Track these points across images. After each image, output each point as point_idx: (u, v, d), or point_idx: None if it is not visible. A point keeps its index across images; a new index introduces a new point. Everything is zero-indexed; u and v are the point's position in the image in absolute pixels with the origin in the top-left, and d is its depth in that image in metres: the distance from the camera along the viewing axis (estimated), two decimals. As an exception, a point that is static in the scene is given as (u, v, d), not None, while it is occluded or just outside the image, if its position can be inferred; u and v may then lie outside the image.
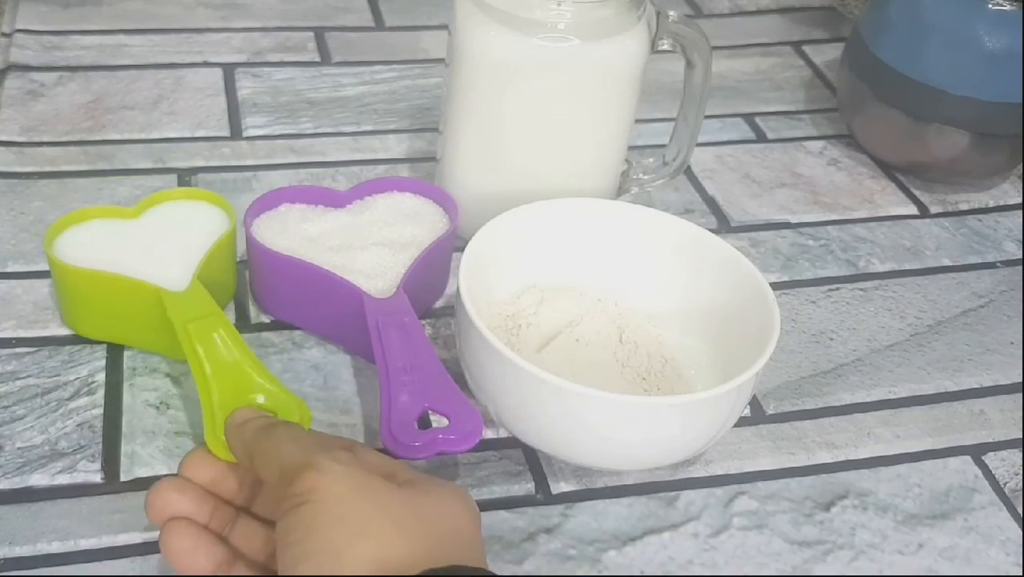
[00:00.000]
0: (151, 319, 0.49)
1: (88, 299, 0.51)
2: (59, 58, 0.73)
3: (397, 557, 0.34)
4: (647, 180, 0.63)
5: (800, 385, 0.56)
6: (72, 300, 0.52)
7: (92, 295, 0.51)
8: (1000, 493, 0.51)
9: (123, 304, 0.50)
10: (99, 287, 0.50)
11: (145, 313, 0.50)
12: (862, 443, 0.53)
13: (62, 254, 0.51)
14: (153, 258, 0.51)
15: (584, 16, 0.53)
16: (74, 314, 0.52)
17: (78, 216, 0.53)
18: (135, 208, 0.54)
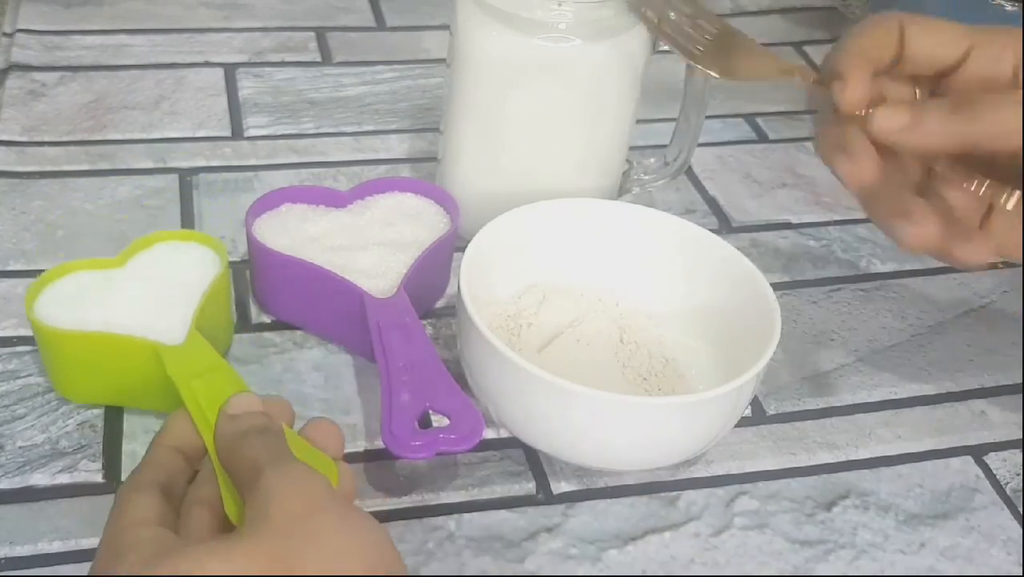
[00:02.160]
0: (150, 377, 0.45)
1: (79, 362, 0.47)
2: (60, 58, 0.73)
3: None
4: (648, 180, 0.63)
5: (801, 385, 0.56)
6: (61, 365, 0.48)
7: (83, 358, 0.47)
8: (1001, 493, 0.51)
9: (118, 364, 0.46)
10: (90, 349, 0.46)
11: (142, 371, 0.46)
12: (863, 443, 0.53)
13: (45, 316, 0.47)
14: (144, 310, 0.47)
15: (585, 16, 0.53)
16: (65, 379, 0.48)
17: (58, 272, 0.49)
18: (119, 257, 0.50)
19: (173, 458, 0.40)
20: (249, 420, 0.40)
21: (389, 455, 0.47)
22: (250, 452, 0.38)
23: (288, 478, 0.36)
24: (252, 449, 0.38)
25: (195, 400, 0.42)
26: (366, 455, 0.49)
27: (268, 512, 0.35)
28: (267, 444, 0.39)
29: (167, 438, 0.41)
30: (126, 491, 0.38)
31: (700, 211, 0.67)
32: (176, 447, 0.41)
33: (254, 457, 0.37)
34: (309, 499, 0.35)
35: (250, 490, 0.36)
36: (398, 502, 0.47)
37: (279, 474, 0.36)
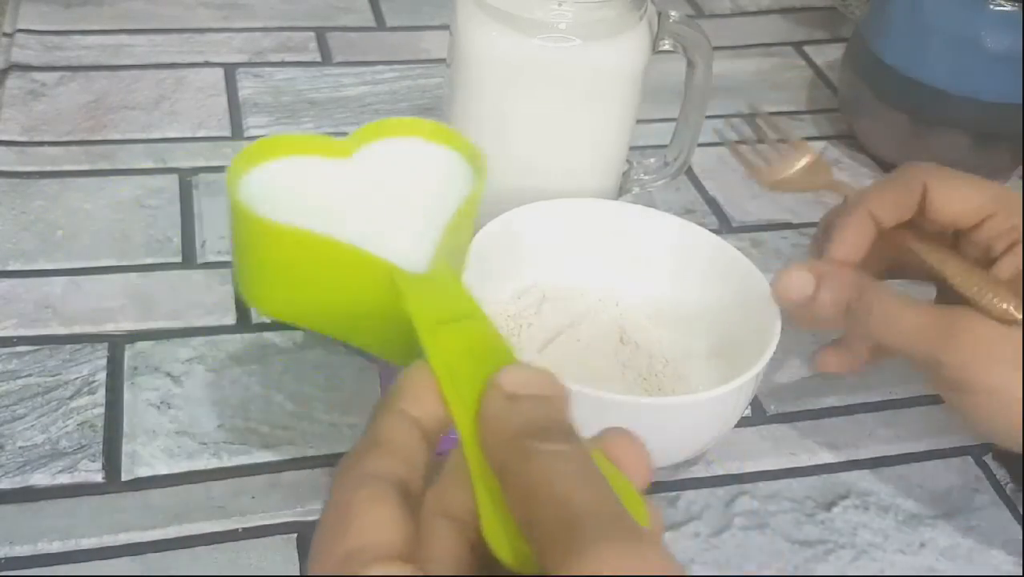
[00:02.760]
0: (373, 306, 0.33)
1: (286, 267, 0.34)
2: (60, 58, 0.73)
3: None
4: (648, 180, 0.63)
5: (801, 385, 0.56)
6: (262, 265, 0.35)
7: (293, 262, 0.34)
8: (1001, 493, 0.51)
9: (337, 280, 0.34)
10: (305, 253, 0.33)
11: (367, 297, 0.33)
12: (863, 443, 0.53)
13: (253, 202, 0.34)
14: (376, 219, 0.35)
15: (585, 16, 0.53)
16: (260, 283, 0.35)
17: (270, 148, 0.37)
18: (346, 142, 0.39)
19: (410, 436, 0.28)
20: (537, 410, 0.27)
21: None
22: (556, 482, 0.25)
23: (638, 566, 0.23)
24: (560, 477, 0.25)
25: (443, 355, 0.29)
26: (366, 455, 0.49)
27: None
28: (583, 477, 0.25)
29: (402, 402, 0.28)
30: (355, 486, 0.26)
31: (700, 211, 0.67)
32: (415, 419, 0.28)
33: (566, 498, 0.24)
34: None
35: (561, 550, 0.24)
36: (398, 502, 0.47)
37: (625, 556, 0.23)
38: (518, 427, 0.26)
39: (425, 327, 0.30)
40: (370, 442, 0.28)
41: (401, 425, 0.28)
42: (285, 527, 0.46)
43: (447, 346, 0.29)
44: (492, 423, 0.27)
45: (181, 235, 0.60)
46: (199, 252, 0.59)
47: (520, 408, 0.27)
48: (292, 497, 0.47)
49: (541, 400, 0.27)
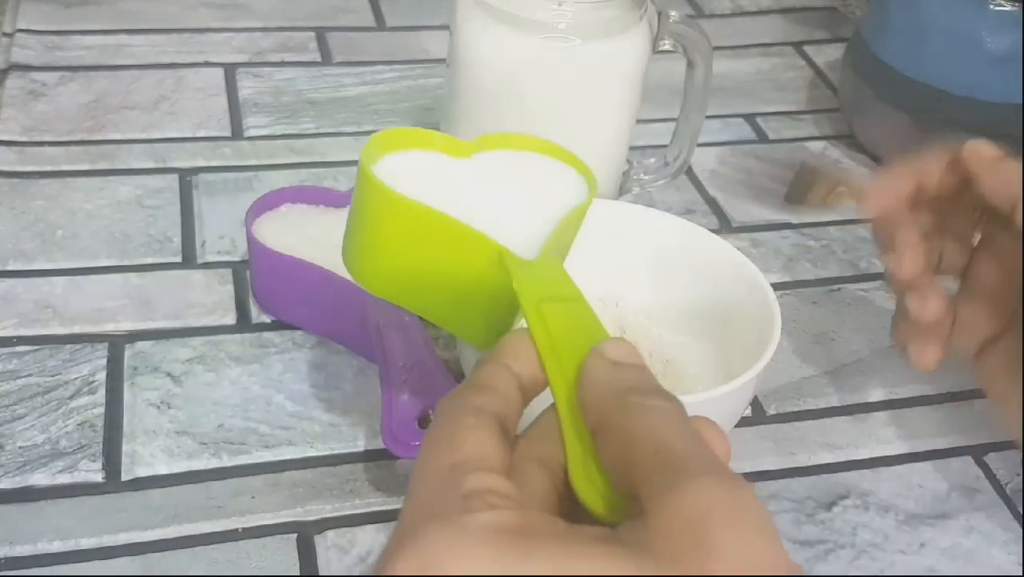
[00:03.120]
0: (479, 287, 0.36)
1: (402, 241, 0.37)
2: (60, 58, 0.73)
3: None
4: (648, 180, 0.63)
5: (801, 385, 0.56)
6: (380, 238, 0.37)
7: (413, 236, 0.36)
8: (1001, 493, 0.51)
9: (448, 258, 0.36)
10: (423, 229, 0.36)
11: (475, 277, 0.36)
12: (863, 443, 0.53)
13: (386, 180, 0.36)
14: (490, 209, 0.37)
15: (585, 16, 0.53)
16: (372, 257, 0.38)
17: (402, 140, 0.39)
18: (468, 144, 0.41)
19: (510, 385, 0.31)
20: (637, 374, 0.30)
21: (389, 455, 0.47)
22: (659, 429, 0.27)
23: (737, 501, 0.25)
24: (663, 425, 0.27)
25: (544, 327, 0.31)
26: (366, 455, 0.49)
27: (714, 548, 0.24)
28: (682, 426, 0.28)
29: (505, 357, 0.31)
30: (462, 414, 0.29)
31: (700, 211, 0.67)
32: (515, 373, 0.31)
33: (667, 439, 0.27)
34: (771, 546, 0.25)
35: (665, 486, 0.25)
36: (398, 502, 0.47)
37: (724, 490, 0.25)
38: (623, 386, 0.29)
39: (529, 302, 0.33)
40: (474, 384, 0.30)
41: (503, 374, 0.31)
42: (285, 527, 0.46)
43: (548, 319, 0.32)
44: (597, 383, 0.29)
45: (181, 235, 0.60)
46: (199, 252, 0.59)
47: (623, 372, 0.29)
48: (292, 497, 0.47)
49: (640, 368, 0.30)
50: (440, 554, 0.25)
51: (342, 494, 0.47)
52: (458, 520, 0.26)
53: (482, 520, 0.26)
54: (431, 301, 0.38)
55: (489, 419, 0.29)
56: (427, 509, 0.27)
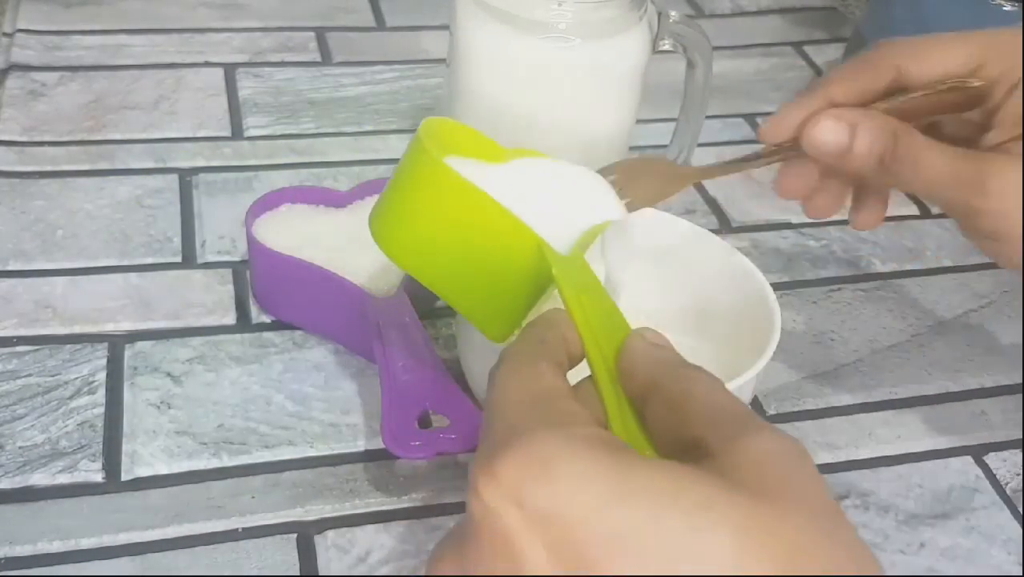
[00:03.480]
0: (508, 274, 0.38)
1: (446, 218, 0.38)
2: (60, 58, 0.73)
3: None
4: (648, 180, 0.63)
5: (801, 386, 0.56)
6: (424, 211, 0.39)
7: (455, 214, 0.38)
8: (1001, 493, 0.51)
9: (484, 241, 0.38)
10: (466, 206, 0.37)
11: (507, 263, 0.38)
12: (863, 443, 0.53)
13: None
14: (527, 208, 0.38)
15: (585, 16, 0.53)
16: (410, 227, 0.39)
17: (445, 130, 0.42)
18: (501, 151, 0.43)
19: (560, 348, 0.33)
20: (677, 355, 0.33)
21: (389, 455, 0.47)
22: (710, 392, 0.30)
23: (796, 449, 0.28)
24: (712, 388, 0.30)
25: (584, 313, 0.34)
26: (366, 455, 0.49)
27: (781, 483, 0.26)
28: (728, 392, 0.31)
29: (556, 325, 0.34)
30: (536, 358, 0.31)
31: (700, 211, 0.67)
32: (564, 339, 0.33)
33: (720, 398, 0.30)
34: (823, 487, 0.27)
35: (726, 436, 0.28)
36: (398, 502, 0.47)
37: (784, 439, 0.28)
38: (669, 359, 0.31)
39: (569, 288, 0.34)
40: (536, 338, 0.33)
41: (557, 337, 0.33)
42: (285, 527, 0.46)
43: (586, 306, 0.34)
44: (643, 356, 0.31)
45: (181, 235, 0.60)
46: (199, 252, 0.59)
47: (664, 351, 0.32)
48: (292, 497, 0.47)
49: (675, 351, 0.33)
50: (553, 455, 0.26)
51: (342, 494, 0.47)
52: (565, 429, 0.27)
53: (588, 432, 0.27)
54: (452, 280, 0.39)
55: (558, 366, 0.31)
56: (525, 422, 0.28)
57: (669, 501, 0.25)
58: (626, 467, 0.26)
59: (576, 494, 0.25)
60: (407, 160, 0.39)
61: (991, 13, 0.64)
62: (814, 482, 0.27)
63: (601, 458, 0.26)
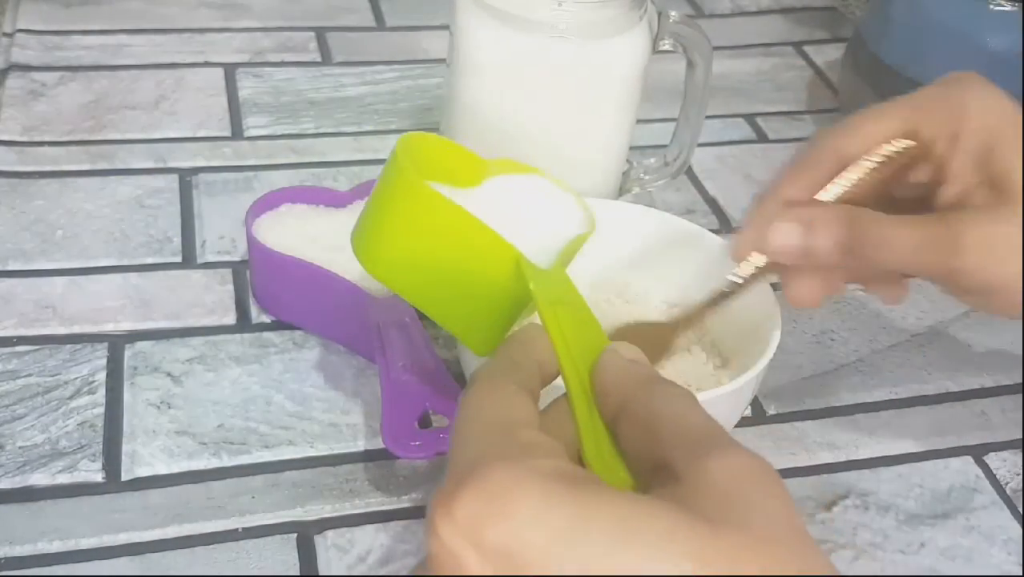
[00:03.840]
0: (487, 288, 0.38)
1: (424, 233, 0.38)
2: (60, 58, 0.73)
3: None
4: (648, 180, 0.63)
5: (801, 386, 0.56)
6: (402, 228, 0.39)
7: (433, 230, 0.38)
8: (1001, 493, 0.51)
9: (464, 252, 0.38)
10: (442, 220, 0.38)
11: (484, 278, 0.38)
12: (863, 443, 0.53)
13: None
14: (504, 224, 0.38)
15: (585, 16, 0.53)
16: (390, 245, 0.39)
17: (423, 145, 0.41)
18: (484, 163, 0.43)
19: (534, 368, 0.33)
20: (651, 371, 0.32)
21: (389, 455, 0.47)
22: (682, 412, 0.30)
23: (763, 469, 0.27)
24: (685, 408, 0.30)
25: (558, 325, 0.34)
26: (366, 455, 0.49)
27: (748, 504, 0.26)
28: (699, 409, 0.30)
29: (529, 343, 0.34)
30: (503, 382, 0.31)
31: (700, 211, 0.67)
32: (537, 360, 0.33)
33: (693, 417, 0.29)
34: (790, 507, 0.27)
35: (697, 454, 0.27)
36: (398, 502, 0.47)
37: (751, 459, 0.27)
38: (642, 376, 0.31)
39: (545, 300, 0.35)
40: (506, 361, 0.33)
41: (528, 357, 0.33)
42: (285, 527, 0.46)
43: (561, 318, 0.34)
44: (617, 373, 0.31)
45: (181, 235, 0.60)
46: (199, 252, 0.59)
47: (638, 367, 0.32)
48: (292, 497, 0.47)
49: (649, 366, 0.33)
50: (510, 490, 0.26)
51: (342, 494, 0.47)
52: (524, 462, 0.27)
53: (547, 465, 0.27)
54: (435, 296, 0.39)
55: (526, 393, 0.31)
56: (484, 455, 0.27)
57: (629, 534, 0.25)
58: (585, 500, 0.25)
59: (532, 529, 0.25)
60: (384, 178, 0.39)
61: (991, 14, 0.64)
62: (781, 504, 0.27)
63: (559, 491, 0.26)
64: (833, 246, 0.42)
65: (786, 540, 0.26)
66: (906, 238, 0.42)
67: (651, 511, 0.25)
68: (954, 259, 0.41)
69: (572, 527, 0.25)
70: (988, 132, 0.42)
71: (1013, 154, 0.41)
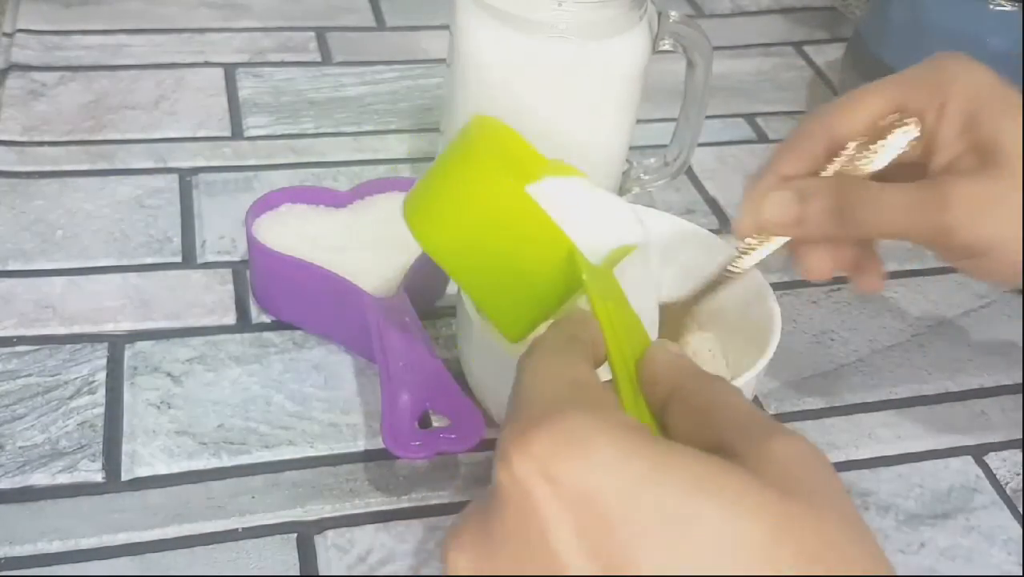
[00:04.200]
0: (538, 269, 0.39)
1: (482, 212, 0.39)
2: (60, 58, 0.73)
3: None
4: (648, 180, 0.63)
5: (801, 385, 0.56)
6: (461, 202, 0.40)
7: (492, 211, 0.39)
8: (1001, 493, 0.51)
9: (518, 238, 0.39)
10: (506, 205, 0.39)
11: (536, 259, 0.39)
12: (863, 443, 0.53)
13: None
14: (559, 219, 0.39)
15: (585, 16, 0.53)
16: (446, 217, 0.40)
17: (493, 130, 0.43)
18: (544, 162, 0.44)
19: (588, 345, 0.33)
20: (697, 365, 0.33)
21: (389, 455, 0.47)
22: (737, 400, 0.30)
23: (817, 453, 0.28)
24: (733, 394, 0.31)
25: (609, 318, 0.34)
26: (366, 455, 0.49)
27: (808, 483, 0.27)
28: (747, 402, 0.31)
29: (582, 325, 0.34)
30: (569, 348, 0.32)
31: (700, 211, 0.67)
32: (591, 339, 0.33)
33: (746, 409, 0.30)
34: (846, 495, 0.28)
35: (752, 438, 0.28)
36: (398, 502, 0.47)
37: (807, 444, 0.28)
38: (692, 368, 0.32)
39: (597, 294, 0.35)
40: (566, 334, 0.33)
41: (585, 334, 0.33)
42: (285, 527, 0.46)
43: (612, 313, 0.34)
44: (668, 363, 0.32)
45: (181, 235, 0.60)
46: (199, 252, 0.59)
47: (687, 360, 0.33)
48: (292, 497, 0.47)
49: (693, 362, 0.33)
50: (589, 435, 0.26)
51: (342, 494, 0.47)
52: (602, 412, 0.27)
53: (624, 417, 0.28)
54: (479, 275, 0.40)
55: (590, 361, 0.32)
56: (559, 401, 0.28)
57: (704, 488, 0.25)
58: (662, 452, 0.26)
59: (610, 474, 0.25)
60: (453, 152, 0.41)
61: (991, 14, 0.64)
62: (838, 487, 0.28)
63: (636, 441, 0.26)
64: (825, 213, 0.43)
65: (847, 516, 0.27)
66: (896, 200, 0.43)
67: (726, 470, 0.26)
68: (943, 215, 0.42)
69: (648, 476, 0.25)
70: (972, 100, 0.43)
71: (997, 119, 0.42)
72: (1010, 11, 0.64)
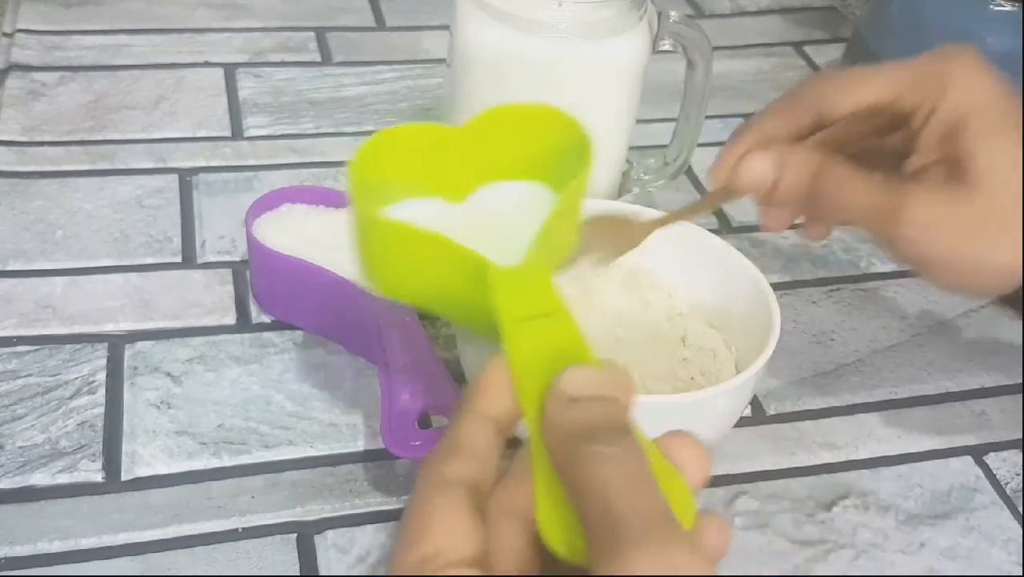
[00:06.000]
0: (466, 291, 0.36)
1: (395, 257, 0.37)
2: (60, 58, 0.73)
3: None
4: (648, 180, 0.63)
5: (801, 385, 0.56)
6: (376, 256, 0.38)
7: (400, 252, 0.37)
8: (1001, 493, 0.51)
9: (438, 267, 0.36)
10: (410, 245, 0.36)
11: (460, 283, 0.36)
12: (863, 443, 0.53)
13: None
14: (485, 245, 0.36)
15: (585, 16, 0.53)
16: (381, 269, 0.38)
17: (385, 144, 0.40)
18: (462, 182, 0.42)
19: (484, 433, 0.30)
20: (594, 412, 0.28)
21: (389, 455, 0.47)
22: (602, 485, 0.26)
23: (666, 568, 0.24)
24: (606, 480, 0.26)
25: (520, 350, 0.31)
26: (366, 455, 0.49)
27: None
28: (629, 479, 0.26)
29: (479, 403, 0.30)
30: (431, 492, 0.28)
31: (700, 211, 0.67)
32: (491, 417, 0.30)
33: (610, 501, 0.26)
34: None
35: (603, 549, 0.25)
36: (398, 502, 0.47)
37: (654, 560, 0.24)
38: (572, 429, 0.28)
39: (508, 323, 0.32)
40: (448, 445, 0.29)
41: (476, 426, 0.30)
42: (285, 527, 0.46)
43: (527, 343, 0.31)
44: (552, 424, 0.28)
45: (181, 235, 0.60)
46: (199, 252, 0.59)
47: (576, 410, 0.28)
48: (292, 497, 0.47)
49: (600, 402, 0.28)
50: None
51: (342, 494, 0.47)
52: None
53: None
54: (441, 306, 0.38)
55: (460, 494, 0.28)
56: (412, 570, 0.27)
57: None
58: None
59: None
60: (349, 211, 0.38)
61: (991, 14, 0.64)
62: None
63: None
64: (796, 188, 0.44)
65: None
66: (860, 196, 0.43)
67: None
68: (893, 228, 0.42)
69: None
70: (959, 112, 0.42)
71: (980, 135, 0.42)
72: (1010, 11, 0.64)
